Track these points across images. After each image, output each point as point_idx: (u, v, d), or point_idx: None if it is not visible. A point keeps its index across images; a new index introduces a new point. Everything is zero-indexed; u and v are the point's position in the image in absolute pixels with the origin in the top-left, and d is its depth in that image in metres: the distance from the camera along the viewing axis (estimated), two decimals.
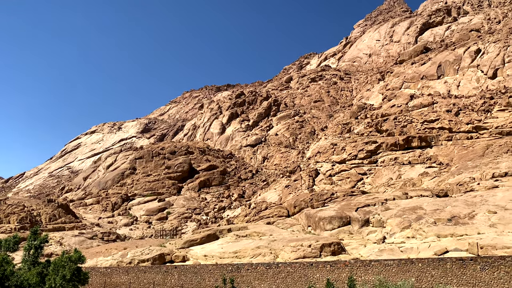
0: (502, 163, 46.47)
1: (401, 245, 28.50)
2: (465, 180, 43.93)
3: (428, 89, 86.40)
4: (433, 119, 67.00)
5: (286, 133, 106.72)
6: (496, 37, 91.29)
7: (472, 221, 30.55)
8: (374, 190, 53.82)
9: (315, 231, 37.78)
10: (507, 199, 34.02)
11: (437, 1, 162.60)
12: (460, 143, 60.26)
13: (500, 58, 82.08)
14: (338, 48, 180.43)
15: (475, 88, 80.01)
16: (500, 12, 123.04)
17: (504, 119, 60.56)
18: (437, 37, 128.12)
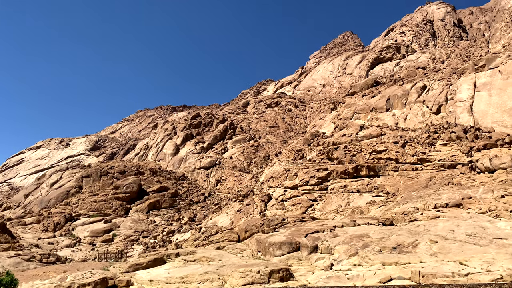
0: (443, 194, 48.92)
1: (348, 272, 28.94)
2: (409, 210, 45.70)
3: (377, 120, 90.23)
4: (381, 150, 69.75)
5: (241, 157, 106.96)
6: (440, 75, 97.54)
7: (415, 249, 31.67)
8: (324, 216, 54.72)
9: (265, 256, 37.61)
10: (447, 229, 35.68)
11: (387, 38, 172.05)
12: (405, 174, 62.97)
13: (443, 95, 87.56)
14: (294, 76, 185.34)
15: (421, 122, 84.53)
16: (444, 52, 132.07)
17: (446, 153, 64.18)
18: (387, 72, 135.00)
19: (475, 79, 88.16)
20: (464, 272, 26.56)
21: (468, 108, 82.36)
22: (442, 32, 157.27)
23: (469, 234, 34.38)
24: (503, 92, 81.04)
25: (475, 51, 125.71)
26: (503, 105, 78.89)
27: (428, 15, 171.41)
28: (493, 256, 29.69)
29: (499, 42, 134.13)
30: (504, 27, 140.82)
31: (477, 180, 53.12)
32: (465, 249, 31.43)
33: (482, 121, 77.70)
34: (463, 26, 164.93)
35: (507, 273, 26.10)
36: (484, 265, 27.92)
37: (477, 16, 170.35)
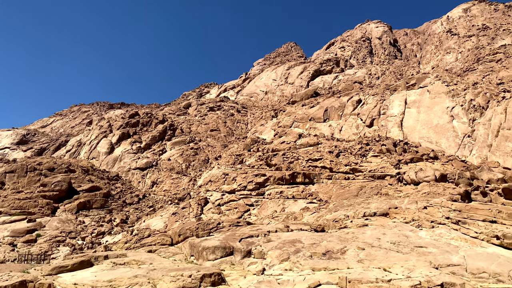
0: (372, 203, 51.43)
1: (279, 277, 29.42)
2: (340, 217, 47.49)
3: (314, 130, 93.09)
4: (317, 158, 71.98)
5: (180, 159, 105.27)
6: (375, 90, 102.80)
7: (344, 256, 32.93)
8: (259, 221, 55.28)
9: (197, 261, 37.20)
10: (374, 237, 37.49)
11: (328, 52, 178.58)
12: (338, 182, 65.45)
13: (377, 110, 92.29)
14: (237, 82, 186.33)
15: (355, 133, 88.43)
16: (379, 69, 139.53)
17: (376, 164, 67.61)
18: (326, 84, 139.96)
19: (406, 96, 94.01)
20: (387, 278, 28.05)
21: (399, 123, 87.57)
22: (378, 50, 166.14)
23: (394, 242, 36.40)
24: (430, 110, 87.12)
25: (407, 70, 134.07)
26: (429, 122, 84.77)
27: (367, 32, 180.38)
28: (414, 263, 31.65)
29: (429, 64, 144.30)
30: (434, 50, 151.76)
31: (403, 191, 56.47)
32: (389, 256, 33.22)
33: (411, 136, 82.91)
34: (398, 46, 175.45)
35: (425, 279, 27.92)
36: (405, 272, 29.67)
37: (410, 37, 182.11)
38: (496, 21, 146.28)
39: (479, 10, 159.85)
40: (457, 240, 38.32)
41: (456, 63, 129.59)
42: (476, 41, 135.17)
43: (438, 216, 44.29)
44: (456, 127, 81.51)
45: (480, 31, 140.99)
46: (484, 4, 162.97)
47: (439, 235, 39.44)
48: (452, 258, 32.76)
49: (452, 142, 79.03)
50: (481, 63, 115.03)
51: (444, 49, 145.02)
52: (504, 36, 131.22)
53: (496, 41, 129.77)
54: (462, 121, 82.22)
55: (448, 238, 38.73)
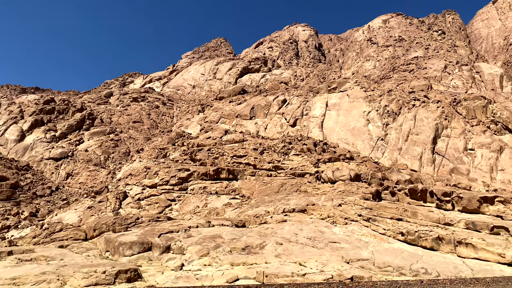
0: (292, 200, 53.20)
1: (197, 272, 29.31)
2: (261, 213, 48.50)
3: (240, 127, 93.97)
4: (241, 155, 72.73)
5: (98, 151, 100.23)
6: (299, 92, 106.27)
7: (262, 251, 33.70)
8: (181, 217, 54.58)
9: (113, 256, 35.79)
10: (291, 232, 38.82)
11: (257, 51, 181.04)
12: (261, 179, 66.74)
13: (300, 110, 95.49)
14: (164, 73, 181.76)
15: (279, 132, 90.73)
16: (304, 71, 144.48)
17: (297, 163, 70.01)
18: (254, 82, 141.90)
19: (328, 99, 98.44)
20: (302, 272, 29.24)
21: (320, 124, 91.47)
22: (304, 52, 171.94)
23: (310, 238, 37.99)
24: (349, 114, 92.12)
25: (330, 74, 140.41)
26: (347, 124, 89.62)
27: (294, 35, 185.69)
28: (327, 258, 33.32)
29: (350, 69, 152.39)
30: (355, 56, 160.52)
31: (321, 189, 59.14)
32: (305, 251, 34.62)
33: (330, 137, 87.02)
34: (322, 50, 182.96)
35: (337, 273, 29.53)
36: (319, 266, 31.13)
37: (334, 43, 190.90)
38: (411, 34, 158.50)
39: (397, 22, 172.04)
40: (367, 236, 41.02)
41: (374, 70, 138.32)
42: (393, 51, 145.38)
43: (351, 213, 47.05)
44: (371, 131, 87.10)
45: (396, 42, 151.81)
46: (401, 17, 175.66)
47: (352, 231, 41.92)
48: (362, 253, 35.02)
49: (367, 144, 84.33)
50: (396, 72, 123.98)
51: (364, 56, 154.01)
52: (417, 48, 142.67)
53: (410, 53, 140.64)
54: (377, 125, 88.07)
55: (360, 234, 41.31)
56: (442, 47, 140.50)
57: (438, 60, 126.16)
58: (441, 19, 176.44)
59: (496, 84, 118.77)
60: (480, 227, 42.75)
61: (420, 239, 39.56)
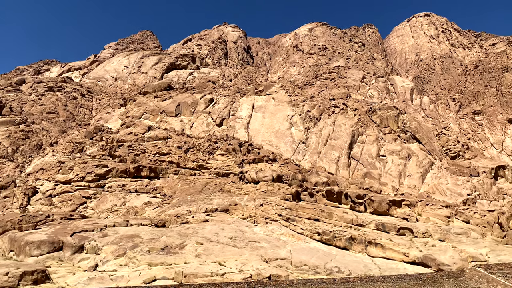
0: (215, 200, 53.13)
1: (112, 273, 28.08)
2: (182, 213, 47.80)
3: (165, 124, 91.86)
4: (165, 153, 71.10)
5: (5, 142, 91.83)
6: (227, 92, 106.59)
7: (182, 251, 33.21)
8: (96, 215, 51.93)
9: (18, 257, 33.01)
10: (213, 232, 38.74)
11: (185, 47, 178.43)
12: (184, 178, 65.79)
13: (227, 110, 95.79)
14: (84, 63, 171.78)
15: (205, 131, 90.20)
16: (232, 72, 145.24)
17: (222, 162, 70.11)
18: (181, 78, 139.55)
19: (254, 101, 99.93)
20: (222, 272, 29.30)
21: (245, 125, 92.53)
22: (233, 53, 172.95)
23: (231, 237, 38.21)
24: (274, 116, 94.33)
25: (257, 77, 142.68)
26: (272, 127, 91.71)
27: (223, 34, 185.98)
28: (247, 257, 33.76)
29: (276, 73, 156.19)
30: (281, 61, 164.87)
31: (244, 189, 59.79)
32: (225, 250, 34.74)
33: (255, 138, 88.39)
34: (251, 53, 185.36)
35: (255, 272, 30.01)
36: (239, 265, 31.43)
37: (262, 46, 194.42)
38: (334, 44, 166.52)
39: (321, 31, 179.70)
40: (286, 235, 42.28)
41: (298, 76, 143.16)
42: (317, 59, 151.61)
43: (272, 213, 48.18)
44: (294, 134, 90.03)
45: (320, 51, 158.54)
46: (325, 27, 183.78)
47: (271, 230, 42.93)
48: (281, 252, 36.00)
49: (289, 147, 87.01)
50: (318, 79, 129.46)
51: (290, 62, 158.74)
52: (339, 58, 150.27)
53: (332, 62, 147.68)
54: (299, 128, 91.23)
55: (279, 233, 42.44)
56: (362, 58, 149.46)
57: (357, 71, 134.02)
58: (361, 32, 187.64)
59: (407, 96, 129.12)
60: (388, 228, 46.12)
61: (335, 239, 41.65)
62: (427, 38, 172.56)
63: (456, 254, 38.97)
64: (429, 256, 38.39)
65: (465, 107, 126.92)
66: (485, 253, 40.83)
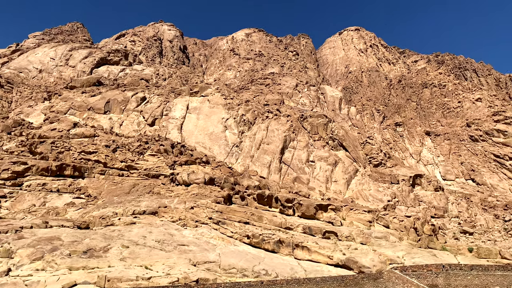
0: (143, 202, 51.56)
1: (27, 278, 26.15)
2: (108, 214, 45.81)
3: (93, 121, 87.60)
4: (91, 151, 67.76)
5: None
6: (161, 91, 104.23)
7: (106, 254, 31.80)
8: (11, 216, 48.07)
9: None
10: (140, 235, 37.56)
11: (118, 43, 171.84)
12: (111, 178, 63.12)
13: (160, 110, 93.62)
14: (4, 51, 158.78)
15: (135, 130, 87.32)
16: (167, 71, 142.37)
17: (153, 163, 68.29)
18: (112, 75, 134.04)
19: (189, 102, 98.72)
20: (148, 276, 28.48)
21: (179, 126, 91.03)
22: (169, 52, 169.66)
23: (159, 241, 37.31)
24: (208, 118, 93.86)
25: (192, 78, 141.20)
26: (206, 129, 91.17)
27: (159, 32, 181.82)
28: (175, 261, 33.15)
29: (213, 76, 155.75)
30: (218, 64, 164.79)
31: (174, 191, 58.70)
32: (152, 254, 33.83)
33: (188, 140, 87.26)
34: (187, 53, 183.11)
35: (183, 276, 29.56)
36: (166, 269, 30.76)
37: (199, 47, 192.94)
38: (270, 50, 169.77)
39: (258, 38, 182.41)
40: (216, 239, 42.15)
41: (234, 80, 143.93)
42: (253, 64, 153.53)
43: (203, 216, 47.80)
44: (228, 137, 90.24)
45: (256, 56, 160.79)
46: (262, 34, 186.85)
47: (201, 234, 42.57)
48: (209, 256, 35.80)
49: (223, 150, 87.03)
50: (254, 84, 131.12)
51: (226, 65, 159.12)
52: (274, 65, 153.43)
53: (267, 68, 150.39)
54: (233, 132, 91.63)
55: (209, 237, 42.20)
56: (295, 66, 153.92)
57: (291, 78, 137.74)
58: (296, 41, 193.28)
59: (336, 105, 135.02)
60: (315, 232, 47.77)
61: (264, 242, 42.29)
62: (357, 52, 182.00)
63: (376, 257, 41.32)
64: (351, 259, 40.33)
65: (388, 119, 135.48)
66: (402, 256, 43.78)
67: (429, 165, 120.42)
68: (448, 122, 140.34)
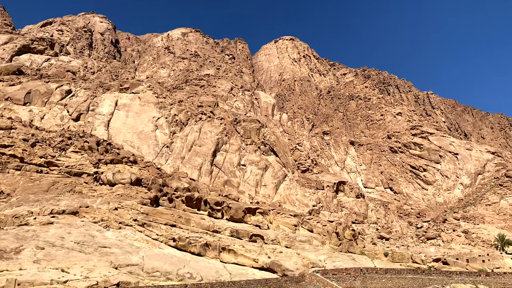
0: (63, 201, 48.61)
1: None
2: (23, 213, 42.59)
3: (10, 112, 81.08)
4: (6, 145, 62.54)
5: None
6: (88, 85, 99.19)
7: (18, 256, 29.54)
8: None
9: None
10: (57, 236, 35.36)
11: (43, 31, 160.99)
12: (28, 174, 58.72)
13: (86, 105, 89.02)
14: None
15: (58, 125, 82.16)
16: (96, 65, 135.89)
17: (75, 161, 64.61)
18: (35, 64, 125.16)
19: (118, 98, 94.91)
20: (64, 279, 26.84)
21: (106, 122, 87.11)
22: (99, 45, 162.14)
23: (78, 242, 35.36)
24: (138, 117, 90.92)
25: (123, 73, 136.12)
26: (135, 127, 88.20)
27: (90, 24, 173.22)
28: (95, 263, 31.61)
29: (145, 73, 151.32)
30: (151, 61, 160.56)
31: (98, 191, 56.03)
32: (70, 256, 31.97)
33: (115, 138, 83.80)
34: (119, 47, 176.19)
35: (103, 279, 28.27)
36: (84, 272, 29.21)
37: (132, 43, 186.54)
38: (206, 52, 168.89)
39: (195, 38, 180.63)
40: (140, 241, 40.86)
41: (168, 79, 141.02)
42: (188, 64, 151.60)
43: (127, 217, 46.11)
44: (158, 137, 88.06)
45: (192, 57, 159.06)
46: (199, 34, 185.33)
47: (125, 236, 41.03)
48: (133, 258, 34.59)
49: (152, 150, 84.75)
50: (188, 85, 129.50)
51: (160, 63, 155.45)
52: (210, 67, 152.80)
53: (203, 69, 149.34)
54: (164, 132, 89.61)
55: (132, 239, 40.78)
56: (231, 70, 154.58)
57: (226, 82, 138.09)
58: (233, 45, 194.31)
59: (269, 111, 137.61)
60: (242, 235, 48.13)
61: (190, 245, 41.79)
62: (291, 61, 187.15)
63: (299, 260, 42.59)
64: (276, 262, 41.17)
65: (317, 127, 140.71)
66: (324, 260, 45.56)
67: (352, 173, 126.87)
68: (371, 133, 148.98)
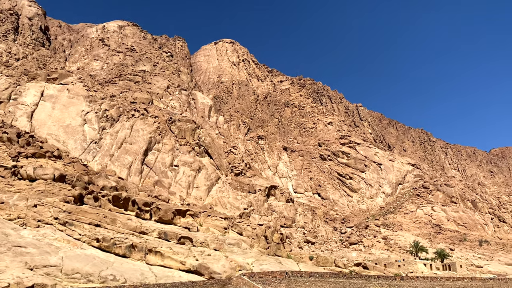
0: None
1: None
2: None
3: None
4: None
5: None
6: (11, 72, 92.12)
7: None
8: None
9: None
10: None
11: None
12: None
13: (8, 93, 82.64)
14: None
15: None
16: (22, 51, 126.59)
17: None
18: None
19: (44, 89, 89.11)
20: None
21: (29, 113, 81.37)
22: (26, 30, 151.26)
23: None
24: (66, 109, 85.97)
25: (52, 62, 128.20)
26: (62, 120, 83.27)
27: (17, 7, 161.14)
28: (7, 264, 29.33)
29: (76, 64, 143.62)
30: (84, 52, 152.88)
31: (16, 186, 52.10)
32: None
33: (39, 130, 78.54)
34: (48, 35, 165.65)
35: (15, 281, 26.33)
36: None
37: (64, 31, 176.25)
38: (143, 47, 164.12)
39: (132, 32, 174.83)
40: (60, 241, 38.55)
41: (101, 72, 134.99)
42: (123, 58, 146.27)
43: (47, 215, 43.32)
44: (86, 132, 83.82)
45: (128, 51, 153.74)
46: (136, 29, 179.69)
47: (44, 235, 38.50)
48: (51, 259, 32.53)
49: (79, 145, 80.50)
50: (122, 80, 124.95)
51: (93, 55, 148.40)
52: (146, 63, 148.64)
53: (138, 65, 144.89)
54: (93, 127, 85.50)
55: (52, 238, 38.37)
56: (168, 68, 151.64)
57: (163, 79, 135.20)
58: (172, 42, 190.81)
59: (206, 113, 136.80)
60: (170, 237, 47.26)
61: (115, 246, 40.24)
62: (230, 64, 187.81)
63: (227, 263, 42.69)
64: (203, 265, 40.91)
65: (252, 131, 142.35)
66: (251, 263, 46.06)
67: (283, 178, 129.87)
68: (303, 140, 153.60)
